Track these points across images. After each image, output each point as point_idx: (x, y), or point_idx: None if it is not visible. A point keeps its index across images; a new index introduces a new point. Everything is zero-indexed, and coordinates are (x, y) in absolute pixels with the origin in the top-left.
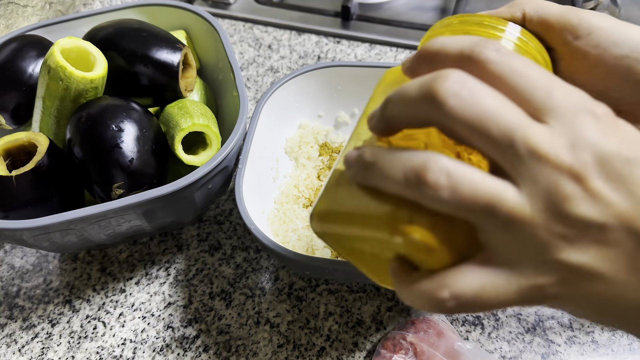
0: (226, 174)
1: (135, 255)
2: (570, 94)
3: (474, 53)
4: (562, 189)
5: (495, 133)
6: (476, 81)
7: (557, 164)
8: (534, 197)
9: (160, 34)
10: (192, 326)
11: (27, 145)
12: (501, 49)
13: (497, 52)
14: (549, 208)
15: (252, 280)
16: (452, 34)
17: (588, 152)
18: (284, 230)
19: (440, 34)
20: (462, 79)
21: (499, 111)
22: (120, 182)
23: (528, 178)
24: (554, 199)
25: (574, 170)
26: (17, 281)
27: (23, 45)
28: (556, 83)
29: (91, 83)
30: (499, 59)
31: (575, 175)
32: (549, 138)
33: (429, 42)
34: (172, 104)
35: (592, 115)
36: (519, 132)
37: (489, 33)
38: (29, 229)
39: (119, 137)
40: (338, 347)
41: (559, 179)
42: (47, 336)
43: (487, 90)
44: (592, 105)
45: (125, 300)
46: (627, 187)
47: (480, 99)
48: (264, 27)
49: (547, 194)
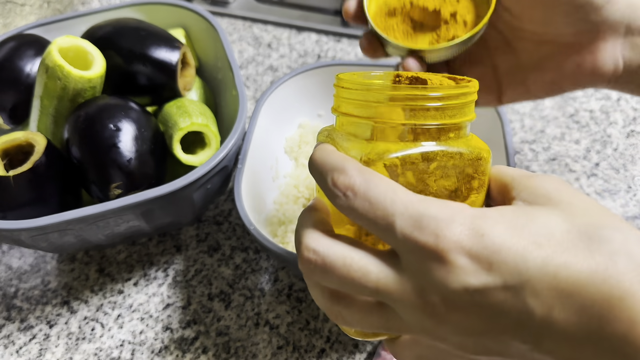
0: (225, 174)
1: (134, 256)
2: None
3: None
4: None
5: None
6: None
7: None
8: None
9: (159, 33)
10: (191, 327)
11: (25, 144)
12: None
13: (345, 199)
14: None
15: (251, 281)
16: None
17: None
18: (283, 231)
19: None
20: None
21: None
22: (118, 182)
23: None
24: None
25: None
26: (14, 282)
27: (21, 44)
28: (399, 212)
29: (89, 82)
30: (345, 203)
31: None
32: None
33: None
34: (171, 103)
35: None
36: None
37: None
38: (27, 230)
39: (117, 136)
40: (338, 349)
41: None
42: (45, 337)
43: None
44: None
45: (124, 302)
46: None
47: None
48: (264, 26)
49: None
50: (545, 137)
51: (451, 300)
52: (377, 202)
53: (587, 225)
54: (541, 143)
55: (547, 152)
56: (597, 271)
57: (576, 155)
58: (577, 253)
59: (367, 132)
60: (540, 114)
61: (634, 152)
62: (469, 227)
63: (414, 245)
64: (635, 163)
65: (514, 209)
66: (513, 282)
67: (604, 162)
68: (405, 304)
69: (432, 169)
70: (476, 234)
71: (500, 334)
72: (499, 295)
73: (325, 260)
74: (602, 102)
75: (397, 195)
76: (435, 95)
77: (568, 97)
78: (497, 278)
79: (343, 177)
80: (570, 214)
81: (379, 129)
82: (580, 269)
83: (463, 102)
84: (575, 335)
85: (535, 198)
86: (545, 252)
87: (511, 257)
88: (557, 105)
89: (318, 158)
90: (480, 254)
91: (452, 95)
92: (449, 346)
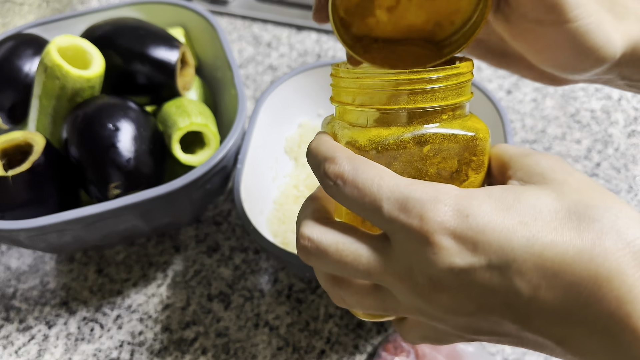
0: (224, 174)
1: (133, 257)
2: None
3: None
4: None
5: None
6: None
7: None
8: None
9: (158, 32)
10: (190, 328)
11: (24, 144)
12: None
13: (336, 186)
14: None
15: (251, 282)
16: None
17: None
18: (283, 231)
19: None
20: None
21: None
22: (117, 182)
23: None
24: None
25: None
26: (13, 282)
27: (19, 43)
28: (389, 193)
29: (88, 82)
30: (335, 191)
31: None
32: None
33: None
34: (170, 103)
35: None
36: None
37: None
38: (25, 230)
39: (115, 136)
40: (338, 350)
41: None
42: (44, 338)
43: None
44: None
45: (123, 302)
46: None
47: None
48: (263, 25)
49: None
50: (546, 136)
51: (438, 280)
52: (364, 188)
53: (577, 203)
54: (542, 143)
55: (548, 152)
56: (584, 250)
57: (577, 155)
58: (564, 232)
59: (363, 119)
60: (541, 114)
61: (635, 152)
62: (453, 208)
63: (400, 227)
64: (636, 163)
65: (504, 189)
66: (498, 262)
67: (605, 162)
68: (397, 285)
69: (425, 151)
70: (460, 215)
71: (489, 314)
72: (485, 275)
73: (319, 247)
74: (603, 101)
75: (384, 181)
76: (424, 77)
77: (569, 97)
78: (481, 258)
79: (333, 166)
80: (561, 193)
81: (373, 115)
82: (566, 248)
83: (455, 82)
84: (563, 314)
85: (529, 177)
86: (531, 232)
87: (496, 237)
88: (558, 105)
89: (313, 148)
90: (464, 234)
91: (442, 77)
92: (446, 326)
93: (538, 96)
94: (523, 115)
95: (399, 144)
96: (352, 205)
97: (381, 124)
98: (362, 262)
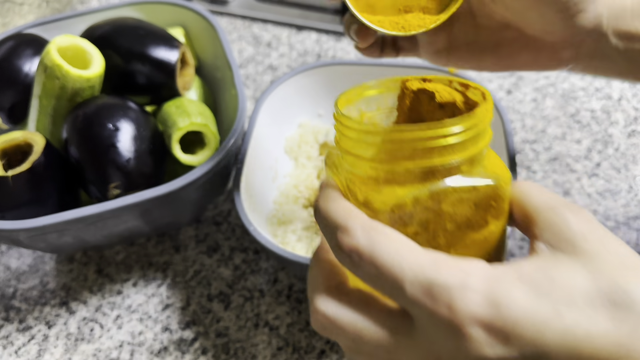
0: (224, 174)
1: (132, 257)
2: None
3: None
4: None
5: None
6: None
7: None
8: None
9: (158, 32)
10: (190, 328)
11: (23, 144)
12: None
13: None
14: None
15: (250, 282)
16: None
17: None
18: (283, 231)
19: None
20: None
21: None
22: (116, 182)
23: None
24: None
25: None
26: (13, 282)
27: (19, 43)
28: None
29: (88, 82)
30: (351, 265)
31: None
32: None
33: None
34: (170, 103)
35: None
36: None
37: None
38: (25, 230)
39: (115, 136)
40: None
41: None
42: (44, 338)
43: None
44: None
45: (122, 302)
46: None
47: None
48: (263, 25)
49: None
50: (546, 136)
51: None
52: (384, 268)
53: (612, 285)
54: (542, 143)
55: (548, 152)
56: (621, 344)
57: (577, 155)
58: (599, 322)
59: (374, 172)
60: (541, 114)
61: (635, 152)
62: (483, 296)
63: (426, 312)
64: (636, 163)
65: (534, 267)
66: (531, 354)
67: (605, 162)
68: None
69: (444, 208)
70: (491, 304)
71: None
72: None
73: (334, 324)
74: (604, 101)
75: (405, 260)
76: (441, 134)
77: (569, 97)
78: (513, 350)
79: (347, 238)
80: (594, 270)
81: (384, 170)
82: (602, 342)
83: (476, 132)
84: None
85: (558, 242)
86: (565, 323)
87: (529, 329)
88: (558, 105)
89: (322, 209)
90: (496, 326)
91: (462, 130)
92: None
93: (538, 96)
94: (523, 115)
95: (415, 203)
96: (369, 282)
97: (395, 181)
98: (382, 344)
